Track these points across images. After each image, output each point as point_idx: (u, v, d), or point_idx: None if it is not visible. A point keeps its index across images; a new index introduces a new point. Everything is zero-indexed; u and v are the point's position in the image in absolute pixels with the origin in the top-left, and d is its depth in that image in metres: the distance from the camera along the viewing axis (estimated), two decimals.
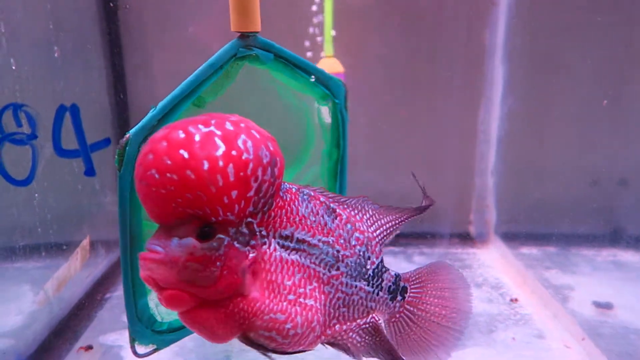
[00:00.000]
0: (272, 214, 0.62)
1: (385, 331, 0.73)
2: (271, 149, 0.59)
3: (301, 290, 0.64)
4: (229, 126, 0.56)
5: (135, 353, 0.75)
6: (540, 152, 1.38)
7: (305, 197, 0.66)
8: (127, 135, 0.66)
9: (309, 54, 1.30)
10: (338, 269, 0.67)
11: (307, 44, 1.31)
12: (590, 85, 1.30)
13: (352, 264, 0.68)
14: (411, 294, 0.75)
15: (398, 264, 1.33)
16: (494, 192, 1.45)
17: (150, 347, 0.75)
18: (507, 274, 1.27)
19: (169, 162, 0.53)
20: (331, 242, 0.67)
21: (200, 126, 0.55)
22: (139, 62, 1.35)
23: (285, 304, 0.63)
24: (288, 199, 0.64)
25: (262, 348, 0.65)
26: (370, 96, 1.37)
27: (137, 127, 0.66)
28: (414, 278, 0.76)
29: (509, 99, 1.39)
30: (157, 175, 0.53)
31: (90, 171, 0.68)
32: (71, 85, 1.08)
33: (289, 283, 0.63)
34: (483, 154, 1.44)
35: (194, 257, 0.56)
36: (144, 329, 0.74)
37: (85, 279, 1.16)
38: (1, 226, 0.92)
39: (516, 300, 1.14)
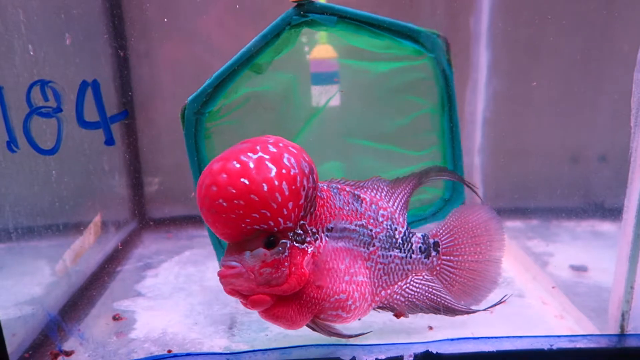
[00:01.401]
0: (317, 212, 0.72)
1: (435, 285, 0.83)
2: (307, 159, 0.68)
3: (352, 270, 0.74)
4: (272, 148, 0.66)
5: None
6: (523, 131, 1.45)
7: (335, 191, 0.76)
8: (186, 102, 0.78)
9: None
10: (374, 245, 0.77)
11: None
12: (571, 67, 1.37)
13: (384, 238, 0.78)
14: (444, 245, 0.84)
15: None
16: (480, 170, 1.53)
17: None
18: None
19: (233, 190, 0.62)
20: (364, 224, 0.77)
21: (250, 154, 0.64)
22: (143, 51, 1.42)
23: (344, 285, 0.73)
24: (325, 197, 0.74)
25: (327, 331, 0.75)
26: None
27: (194, 95, 0.76)
28: (442, 230, 0.85)
29: (493, 81, 1.46)
30: (225, 204, 0.63)
31: (110, 141, 0.76)
32: (81, 72, 1.15)
33: (342, 267, 0.73)
34: (469, 134, 1.51)
35: (267, 263, 0.67)
36: None
37: (97, 254, 1.24)
38: (21, 207, 1.00)
39: None
